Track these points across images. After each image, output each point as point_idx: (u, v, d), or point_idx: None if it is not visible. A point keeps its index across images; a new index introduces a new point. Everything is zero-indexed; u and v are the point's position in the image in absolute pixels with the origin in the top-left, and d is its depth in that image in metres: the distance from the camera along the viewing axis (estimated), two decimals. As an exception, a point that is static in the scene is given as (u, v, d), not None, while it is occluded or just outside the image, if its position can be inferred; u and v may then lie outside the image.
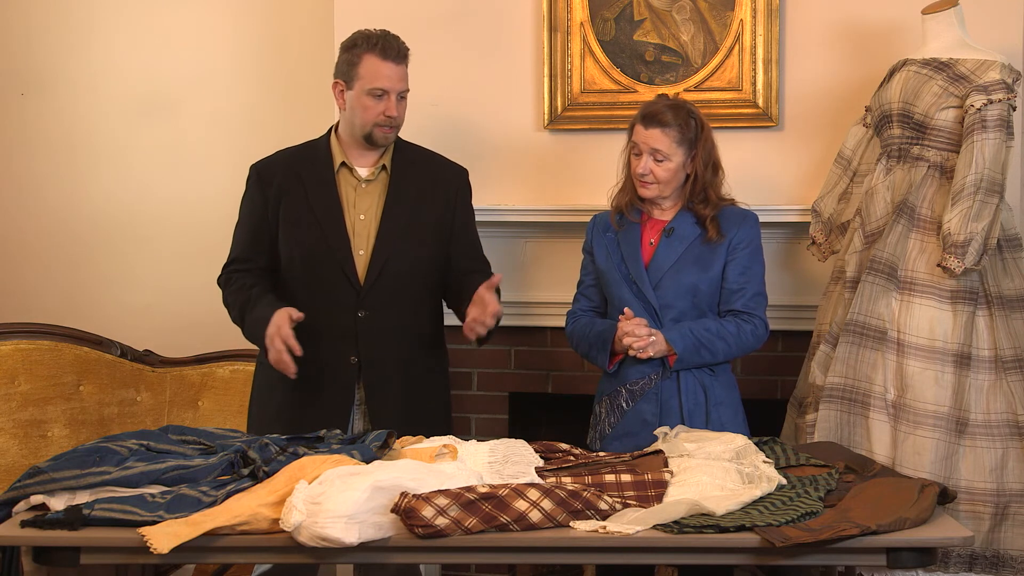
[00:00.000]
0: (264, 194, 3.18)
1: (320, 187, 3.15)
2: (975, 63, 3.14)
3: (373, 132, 3.13)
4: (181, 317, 4.30)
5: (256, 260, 3.19)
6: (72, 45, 4.39)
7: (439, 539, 2.28)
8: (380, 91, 3.10)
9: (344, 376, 3.11)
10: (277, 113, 4.24)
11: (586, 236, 3.24)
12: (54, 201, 4.42)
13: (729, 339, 3.03)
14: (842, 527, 2.30)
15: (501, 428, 3.88)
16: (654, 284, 3.06)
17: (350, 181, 3.17)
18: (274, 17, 4.27)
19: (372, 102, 3.11)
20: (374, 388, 3.11)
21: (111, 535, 2.32)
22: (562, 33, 3.74)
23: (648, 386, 3.05)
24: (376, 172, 3.17)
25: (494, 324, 3.04)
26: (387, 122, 3.12)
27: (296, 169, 3.19)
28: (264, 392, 3.22)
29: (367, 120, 3.12)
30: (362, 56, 3.11)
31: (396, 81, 3.13)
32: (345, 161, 3.17)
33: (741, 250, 3.07)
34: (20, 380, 3.63)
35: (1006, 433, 3.11)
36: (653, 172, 3.04)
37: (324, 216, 3.12)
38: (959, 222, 3.03)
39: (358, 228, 3.14)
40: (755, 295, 3.08)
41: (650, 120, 3.04)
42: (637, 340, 2.96)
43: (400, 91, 3.14)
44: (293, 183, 3.16)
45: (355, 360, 3.10)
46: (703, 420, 3.02)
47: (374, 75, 3.10)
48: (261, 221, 3.18)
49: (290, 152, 3.26)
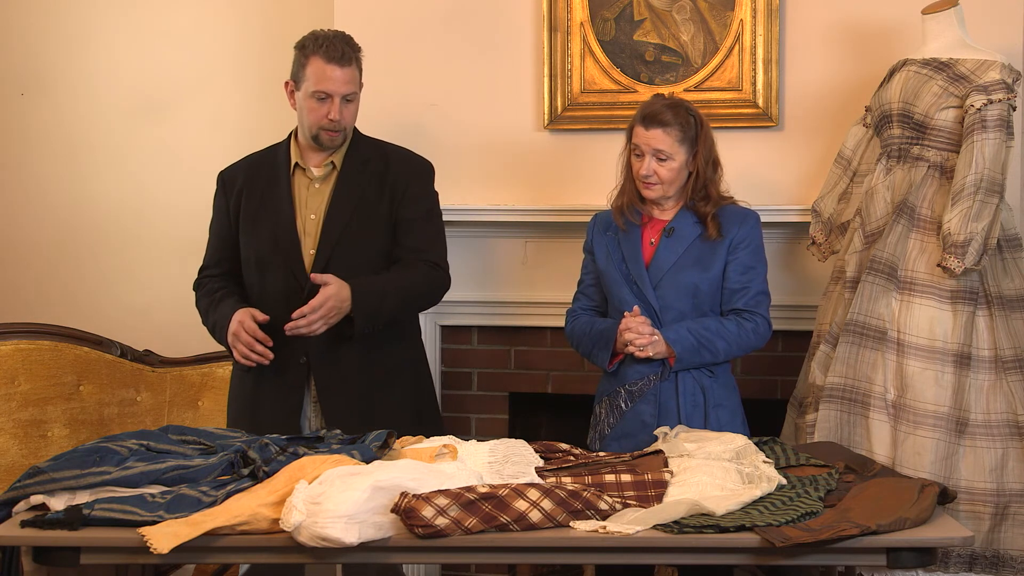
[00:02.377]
0: (227, 200, 3.23)
1: (274, 188, 3.18)
2: (975, 63, 3.14)
3: (319, 135, 3.14)
4: (181, 317, 4.28)
5: (222, 265, 3.25)
6: (72, 45, 4.39)
7: (439, 539, 2.28)
8: (323, 94, 3.10)
9: (294, 376, 3.12)
10: (277, 113, 4.21)
11: (586, 235, 3.24)
12: (54, 201, 4.42)
13: (730, 338, 3.02)
14: (842, 527, 2.30)
15: (501, 428, 3.88)
16: (654, 284, 3.06)
17: (303, 182, 3.20)
18: (274, 17, 4.26)
19: (316, 104, 3.11)
20: (328, 389, 3.13)
21: (111, 535, 2.32)
22: (562, 33, 3.74)
23: (647, 387, 3.05)
24: (326, 171, 3.19)
25: (318, 316, 2.97)
26: (331, 125, 3.12)
27: (255, 172, 3.22)
28: (232, 394, 3.31)
29: (312, 122, 3.13)
30: (309, 57, 3.12)
31: (340, 84, 3.10)
32: (299, 162, 3.19)
33: (742, 249, 3.07)
34: (20, 380, 3.63)
35: (1006, 433, 3.11)
36: (657, 173, 3.04)
37: (276, 217, 3.15)
38: (959, 222, 3.03)
39: (308, 227, 3.15)
40: (757, 294, 3.07)
41: (651, 121, 3.03)
42: (639, 337, 2.96)
43: (345, 94, 3.12)
44: (251, 186, 3.20)
45: (304, 360, 3.12)
46: (701, 422, 3.02)
47: (319, 78, 3.10)
48: (225, 227, 3.24)
49: (254, 157, 3.30)
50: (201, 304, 3.25)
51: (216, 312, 3.15)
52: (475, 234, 3.80)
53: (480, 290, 3.82)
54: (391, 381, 3.19)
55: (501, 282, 3.82)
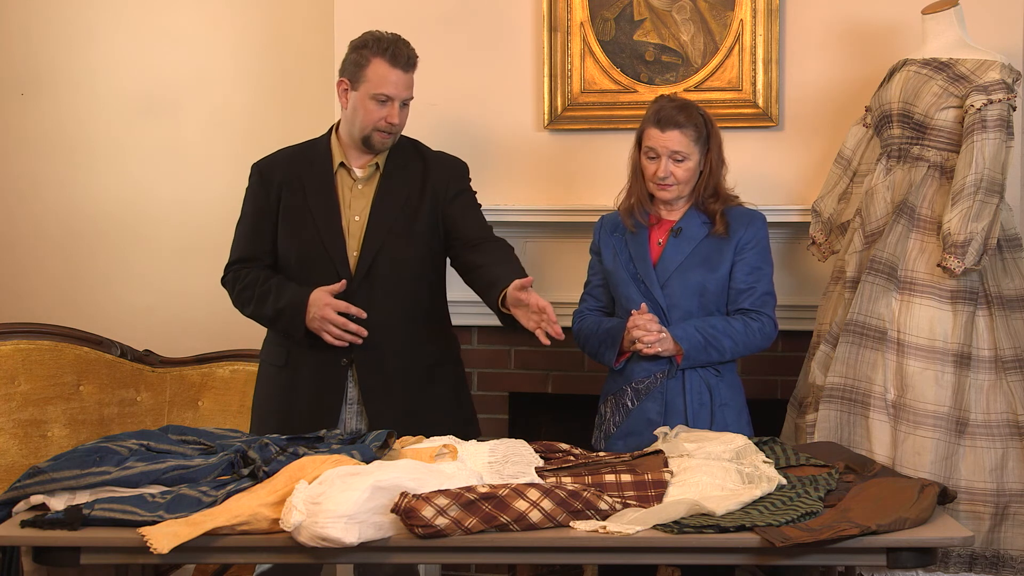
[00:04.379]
0: (266, 192, 3.17)
1: (319, 187, 3.15)
2: (975, 63, 3.14)
3: (372, 136, 3.12)
4: (181, 317, 4.30)
5: (262, 258, 3.18)
6: (72, 45, 4.39)
7: (439, 539, 2.28)
8: (384, 97, 3.08)
9: (333, 378, 3.10)
10: (277, 113, 4.24)
11: (593, 237, 3.25)
12: (54, 201, 4.42)
13: (736, 337, 3.03)
14: (842, 527, 2.30)
15: (501, 428, 3.88)
16: (662, 283, 3.07)
17: (347, 182, 3.17)
18: (274, 17, 4.27)
19: (375, 107, 3.09)
20: (373, 391, 3.10)
21: (111, 535, 2.32)
22: (562, 33, 3.74)
23: (654, 385, 3.06)
24: (370, 172, 3.17)
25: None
26: (387, 128, 3.11)
27: (297, 168, 3.18)
28: (262, 394, 3.24)
29: (367, 123, 3.10)
30: (371, 59, 3.09)
31: (402, 89, 3.11)
32: (344, 161, 3.17)
33: (749, 250, 3.08)
34: (20, 380, 3.63)
35: (1006, 433, 3.11)
36: (674, 174, 3.05)
37: (321, 217, 3.12)
38: (959, 222, 3.03)
39: (352, 229, 3.13)
40: (764, 294, 3.09)
41: (667, 123, 3.04)
42: (647, 334, 2.97)
43: (404, 99, 3.13)
44: (293, 182, 3.16)
45: (346, 361, 3.10)
46: (708, 421, 3.03)
47: (381, 80, 3.08)
48: (264, 219, 3.17)
49: (292, 151, 3.25)
50: (247, 294, 3.13)
51: (281, 298, 3.05)
52: (475, 234, 3.80)
53: (480, 290, 3.82)
54: (432, 379, 3.18)
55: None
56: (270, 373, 3.20)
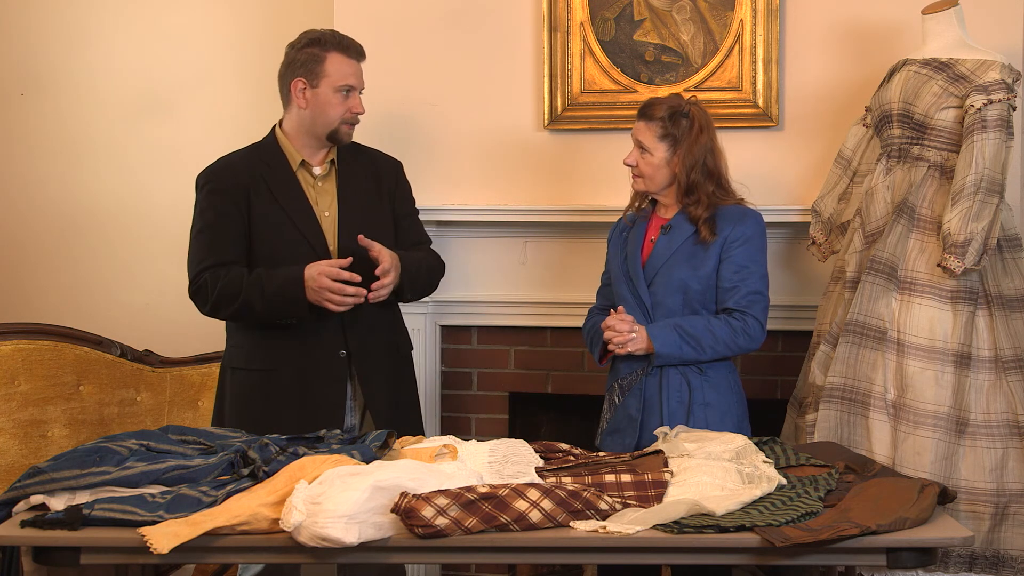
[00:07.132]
0: (226, 199, 3.13)
1: (285, 189, 3.16)
2: (975, 63, 3.14)
3: (339, 129, 3.17)
4: (181, 317, 4.29)
5: (238, 261, 3.11)
6: (72, 45, 4.39)
7: (439, 539, 2.28)
8: (348, 88, 3.16)
9: (336, 371, 3.12)
10: (277, 113, 4.21)
11: (608, 236, 3.28)
12: (54, 201, 4.42)
13: (717, 335, 3.00)
14: (842, 527, 2.30)
15: (501, 428, 3.88)
16: (649, 281, 3.07)
17: (308, 180, 3.20)
18: (274, 17, 4.27)
19: (339, 99, 3.16)
20: (369, 379, 3.15)
21: (111, 535, 2.32)
22: (562, 33, 3.74)
23: (634, 381, 3.07)
24: (327, 168, 3.22)
25: (393, 276, 3.06)
26: (352, 119, 3.19)
27: (255, 171, 3.17)
28: (241, 399, 3.17)
29: (334, 117, 3.16)
30: (326, 54, 3.15)
31: (360, 78, 3.21)
32: (305, 160, 3.20)
33: (736, 248, 3.04)
34: (20, 380, 3.63)
35: (1006, 433, 3.11)
36: (639, 164, 3.07)
37: (298, 217, 3.14)
38: (959, 222, 3.03)
39: (326, 225, 3.17)
40: (749, 293, 3.04)
41: (641, 112, 3.09)
42: (616, 335, 2.98)
43: (362, 88, 3.22)
44: (257, 185, 3.15)
45: (343, 353, 3.13)
46: (684, 419, 3.01)
47: (342, 73, 3.15)
48: (231, 225, 3.12)
49: (239, 156, 3.25)
50: (231, 290, 3.06)
51: (273, 282, 3.03)
52: (475, 234, 3.80)
53: (480, 290, 3.83)
54: (406, 366, 3.30)
55: (501, 282, 3.82)
56: (252, 380, 3.13)
